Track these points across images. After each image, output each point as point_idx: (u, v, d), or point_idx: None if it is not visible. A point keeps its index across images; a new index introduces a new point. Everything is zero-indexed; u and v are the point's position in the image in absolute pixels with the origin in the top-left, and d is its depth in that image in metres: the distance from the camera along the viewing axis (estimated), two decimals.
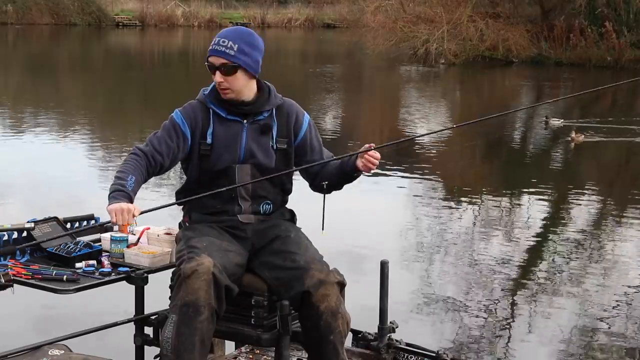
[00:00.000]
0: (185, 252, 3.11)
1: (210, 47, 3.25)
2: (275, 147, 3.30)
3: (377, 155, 3.27)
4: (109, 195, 3.09)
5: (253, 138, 3.27)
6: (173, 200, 3.40)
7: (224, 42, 3.24)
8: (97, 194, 8.09)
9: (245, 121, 3.28)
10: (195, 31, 44.13)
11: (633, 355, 4.92)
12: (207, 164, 3.26)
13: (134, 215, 3.03)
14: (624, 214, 8.57)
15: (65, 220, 3.67)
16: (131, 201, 3.07)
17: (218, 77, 3.23)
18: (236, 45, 3.23)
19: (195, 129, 3.25)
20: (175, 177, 8.63)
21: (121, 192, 3.07)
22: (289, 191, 3.41)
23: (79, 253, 3.40)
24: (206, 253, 3.03)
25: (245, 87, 3.27)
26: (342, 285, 3.14)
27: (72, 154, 11.19)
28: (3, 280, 3.10)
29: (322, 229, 3.26)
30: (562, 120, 14.04)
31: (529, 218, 8.27)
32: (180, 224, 3.41)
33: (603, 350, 5.01)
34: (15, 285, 3.16)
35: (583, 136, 12.25)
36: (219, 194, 3.22)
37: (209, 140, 3.25)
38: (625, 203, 9.15)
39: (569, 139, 12.29)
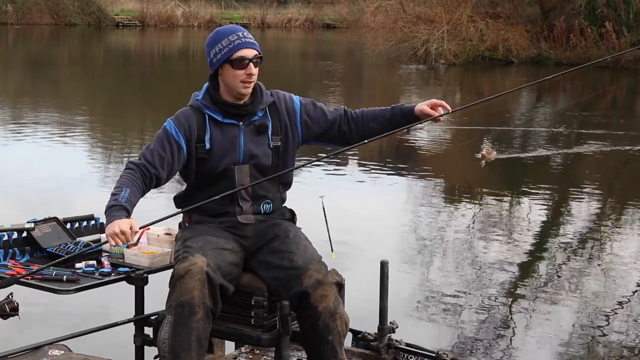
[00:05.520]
0: (180, 252, 3.12)
1: (236, 41, 3.20)
2: (270, 145, 3.30)
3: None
4: (105, 212, 3.09)
5: (251, 139, 3.27)
6: (170, 200, 3.42)
7: (248, 35, 3.25)
8: (97, 194, 8.09)
9: (241, 123, 3.27)
10: (195, 31, 44.11)
11: (633, 356, 4.92)
12: (206, 168, 3.25)
13: (135, 232, 3.03)
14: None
15: (65, 221, 3.67)
16: (128, 212, 3.06)
17: (253, 69, 3.22)
18: (253, 38, 3.28)
19: (190, 137, 3.23)
20: (173, 178, 8.62)
21: (116, 207, 3.05)
22: (288, 185, 3.41)
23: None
24: (200, 252, 3.03)
25: None
26: (340, 285, 3.14)
27: (72, 153, 11.18)
28: (7, 309, 3.11)
29: (332, 251, 3.24)
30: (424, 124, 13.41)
31: (529, 219, 8.27)
32: (180, 224, 3.42)
33: (603, 351, 5.01)
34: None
35: (495, 153, 10.95)
36: (220, 194, 3.22)
37: (207, 145, 3.24)
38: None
39: (479, 156, 10.79)
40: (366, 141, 3.37)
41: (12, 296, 3.16)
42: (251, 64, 3.21)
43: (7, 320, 3.21)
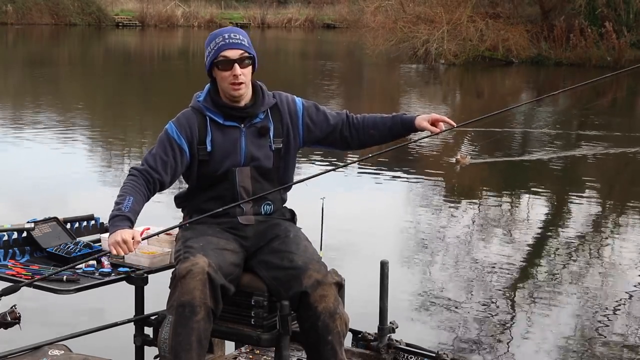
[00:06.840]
0: (181, 252, 3.12)
1: (220, 43, 3.20)
2: (272, 147, 3.30)
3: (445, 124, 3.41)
4: (108, 221, 3.11)
5: (252, 142, 3.26)
6: (171, 200, 3.42)
7: (234, 35, 3.23)
8: (97, 194, 8.10)
9: (242, 125, 3.27)
10: (195, 31, 44.11)
11: (633, 356, 4.92)
12: (207, 170, 3.25)
13: (137, 242, 3.05)
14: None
15: (65, 221, 3.67)
16: (131, 222, 3.07)
17: (237, 70, 3.19)
18: (245, 39, 3.25)
19: (192, 139, 3.23)
20: None
21: (119, 217, 3.06)
22: (289, 188, 3.41)
23: (78, 253, 3.40)
24: (201, 253, 3.03)
25: (249, 83, 3.27)
26: (340, 285, 3.13)
27: (72, 153, 11.18)
28: (9, 319, 3.11)
29: (320, 249, 3.25)
30: None
31: (528, 220, 8.27)
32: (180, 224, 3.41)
33: (603, 351, 5.01)
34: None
35: (469, 157, 10.82)
36: (221, 196, 3.23)
37: (208, 148, 3.23)
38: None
39: (454, 160, 10.69)
40: (370, 155, 3.41)
41: (15, 307, 3.16)
42: (236, 64, 3.19)
43: None
